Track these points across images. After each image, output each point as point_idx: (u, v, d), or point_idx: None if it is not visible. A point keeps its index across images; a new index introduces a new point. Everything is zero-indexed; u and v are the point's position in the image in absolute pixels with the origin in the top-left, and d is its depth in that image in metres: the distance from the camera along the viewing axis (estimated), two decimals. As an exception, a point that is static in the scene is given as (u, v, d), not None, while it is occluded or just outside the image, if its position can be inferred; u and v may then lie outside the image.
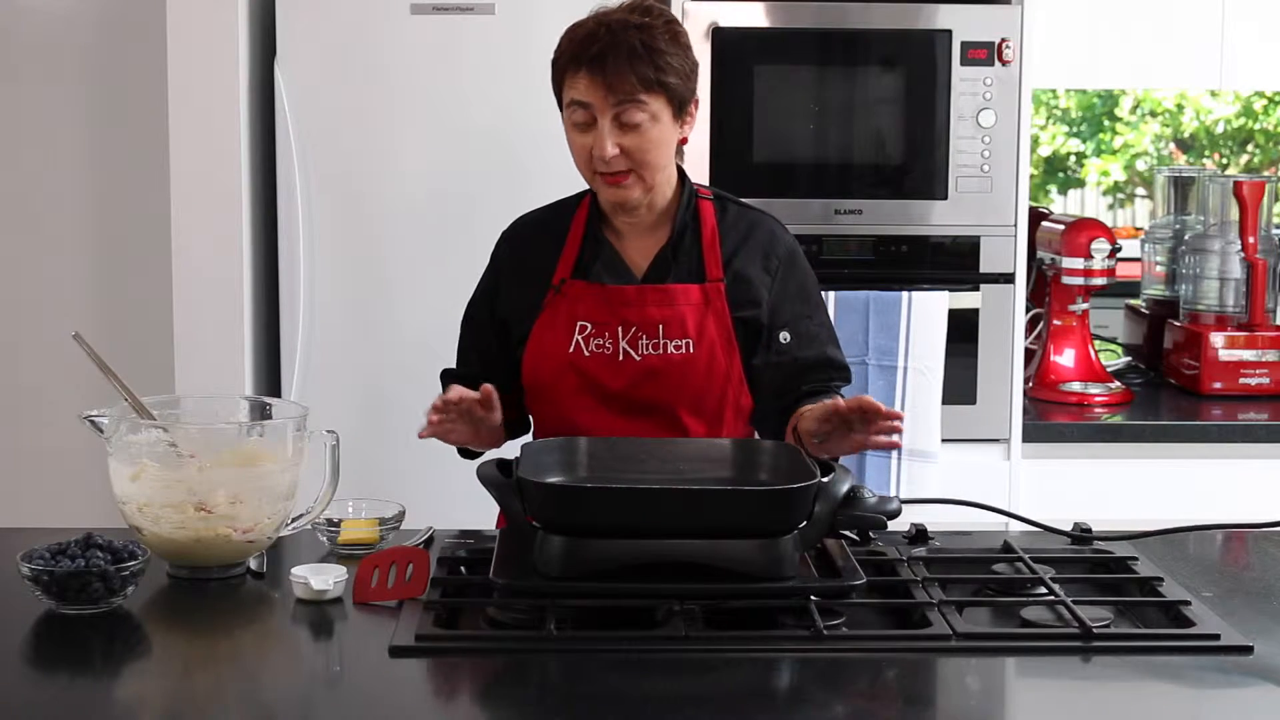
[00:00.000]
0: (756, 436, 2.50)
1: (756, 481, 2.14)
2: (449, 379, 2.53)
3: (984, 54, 3.40)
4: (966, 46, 3.40)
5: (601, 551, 1.95)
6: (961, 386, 3.44)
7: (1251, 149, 8.44)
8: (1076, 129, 8.84)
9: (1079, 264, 3.61)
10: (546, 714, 1.75)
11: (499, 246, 2.59)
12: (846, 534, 2.12)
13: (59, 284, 3.70)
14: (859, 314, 3.37)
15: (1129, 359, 4.09)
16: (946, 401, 3.39)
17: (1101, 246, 3.60)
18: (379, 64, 3.32)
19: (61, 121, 3.67)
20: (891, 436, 2.23)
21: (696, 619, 1.91)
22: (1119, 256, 3.65)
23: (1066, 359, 3.71)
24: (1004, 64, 3.40)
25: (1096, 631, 1.91)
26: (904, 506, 2.07)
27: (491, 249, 2.59)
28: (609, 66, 2.35)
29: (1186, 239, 3.87)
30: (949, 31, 3.40)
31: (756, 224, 2.53)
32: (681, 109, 2.42)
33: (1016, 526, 2.38)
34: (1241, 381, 3.67)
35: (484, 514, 2.40)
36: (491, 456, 2.16)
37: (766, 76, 3.43)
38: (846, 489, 2.02)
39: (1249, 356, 3.67)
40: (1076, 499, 3.39)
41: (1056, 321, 3.72)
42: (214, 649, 1.97)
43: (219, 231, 3.31)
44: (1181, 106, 8.56)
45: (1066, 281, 3.65)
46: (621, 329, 2.43)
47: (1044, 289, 3.76)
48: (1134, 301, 4.15)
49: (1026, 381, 3.66)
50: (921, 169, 3.45)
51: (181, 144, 3.30)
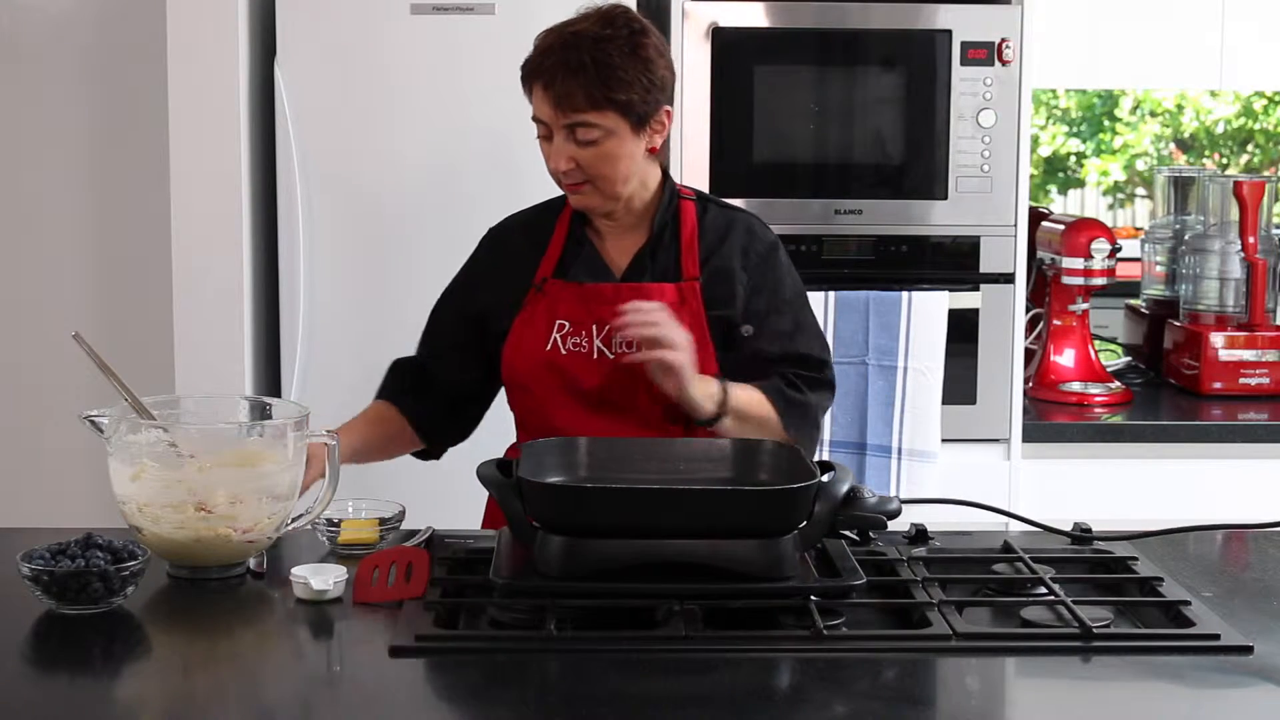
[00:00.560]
0: None
1: (756, 481, 2.14)
2: (401, 368, 2.60)
3: (984, 54, 3.40)
4: (966, 46, 3.40)
5: (601, 551, 1.95)
6: (961, 386, 3.44)
7: (1251, 149, 8.45)
8: (1076, 129, 8.84)
9: (1079, 264, 3.61)
10: (546, 714, 1.75)
11: (481, 244, 2.61)
12: (846, 534, 2.12)
13: (59, 284, 3.70)
14: (859, 314, 3.37)
15: (1129, 359, 4.09)
16: (946, 401, 3.39)
17: (1101, 246, 3.60)
18: (379, 64, 3.32)
19: (61, 121, 3.67)
20: (627, 332, 2.30)
21: (696, 619, 1.90)
22: (1119, 256, 3.65)
23: (1066, 359, 3.71)
24: (1004, 64, 3.40)
25: (1096, 631, 1.91)
26: (904, 506, 2.07)
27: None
28: (558, 84, 2.35)
29: (1186, 239, 3.86)
30: (949, 31, 3.40)
31: (735, 222, 2.52)
32: (642, 122, 2.40)
33: (1016, 526, 2.38)
34: (1241, 381, 3.67)
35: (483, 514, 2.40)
36: (492, 456, 2.17)
37: (766, 76, 3.43)
38: (846, 489, 2.02)
39: (1249, 356, 3.67)
40: (1076, 499, 3.39)
41: (1056, 321, 3.72)
42: (214, 649, 1.97)
43: (219, 231, 3.31)
44: (1181, 106, 8.57)
45: (1066, 281, 3.65)
46: (596, 327, 2.44)
47: (1044, 289, 3.76)
48: (1134, 301, 4.15)
49: (1026, 381, 3.66)
50: (921, 169, 3.45)
51: (181, 144, 3.30)
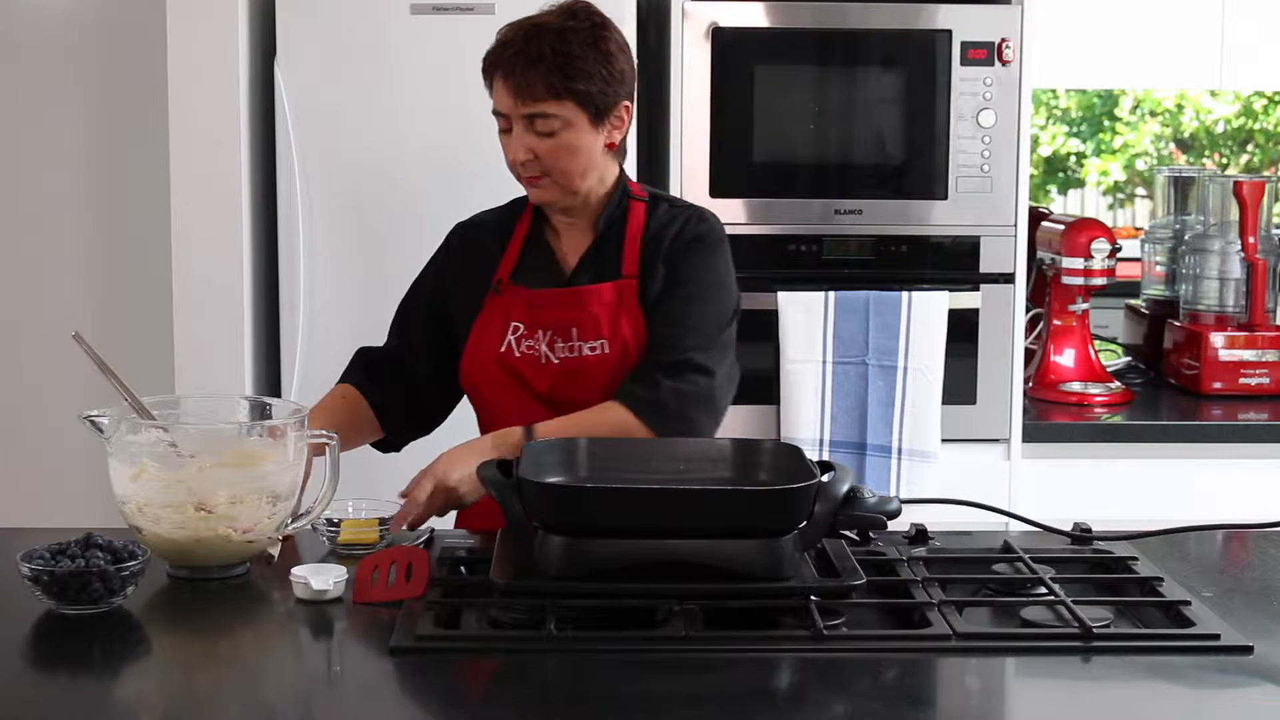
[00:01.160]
0: None
1: (756, 481, 2.14)
2: (367, 354, 2.59)
3: (984, 54, 3.40)
4: (966, 46, 3.40)
5: (601, 551, 1.95)
6: (961, 386, 3.44)
7: (1251, 149, 8.45)
8: (1076, 129, 8.84)
9: (1079, 264, 3.61)
10: (546, 714, 1.75)
11: (451, 238, 2.62)
12: (846, 534, 2.12)
13: (59, 284, 3.70)
14: (859, 314, 3.37)
15: (1129, 359, 4.09)
16: (946, 401, 3.39)
17: (1101, 246, 3.60)
18: (379, 64, 3.32)
19: (61, 121, 3.67)
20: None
21: (696, 619, 1.90)
22: (1119, 256, 3.65)
23: (1066, 359, 3.71)
24: (1004, 64, 3.40)
25: (1096, 631, 1.91)
26: (904, 506, 2.07)
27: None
28: (518, 73, 2.37)
29: (1186, 239, 3.86)
30: (949, 31, 3.40)
31: (676, 218, 2.51)
32: (601, 115, 2.41)
33: (1016, 526, 2.38)
34: (1241, 381, 3.67)
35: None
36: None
37: (766, 76, 3.43)
38: (846, 489, 2.02)
39: (1249, 356, 3.67)
40: (1076, 499, 3.39)
41: (1056, 321, 3.71)
42: (214, 649, 1.97)
43: (219, 231, 3.31)
44: (1181, 106, 8.57)
45: (1066, 281, 3.65)
46: (541, 332, 2.45)
47: (1044, 289, 3.76)
48: (1134, 301, 4.15)
49: (1026, 381, 3.66)
50: (921, 169, 3.45)
51: (181, 144, 3.30)
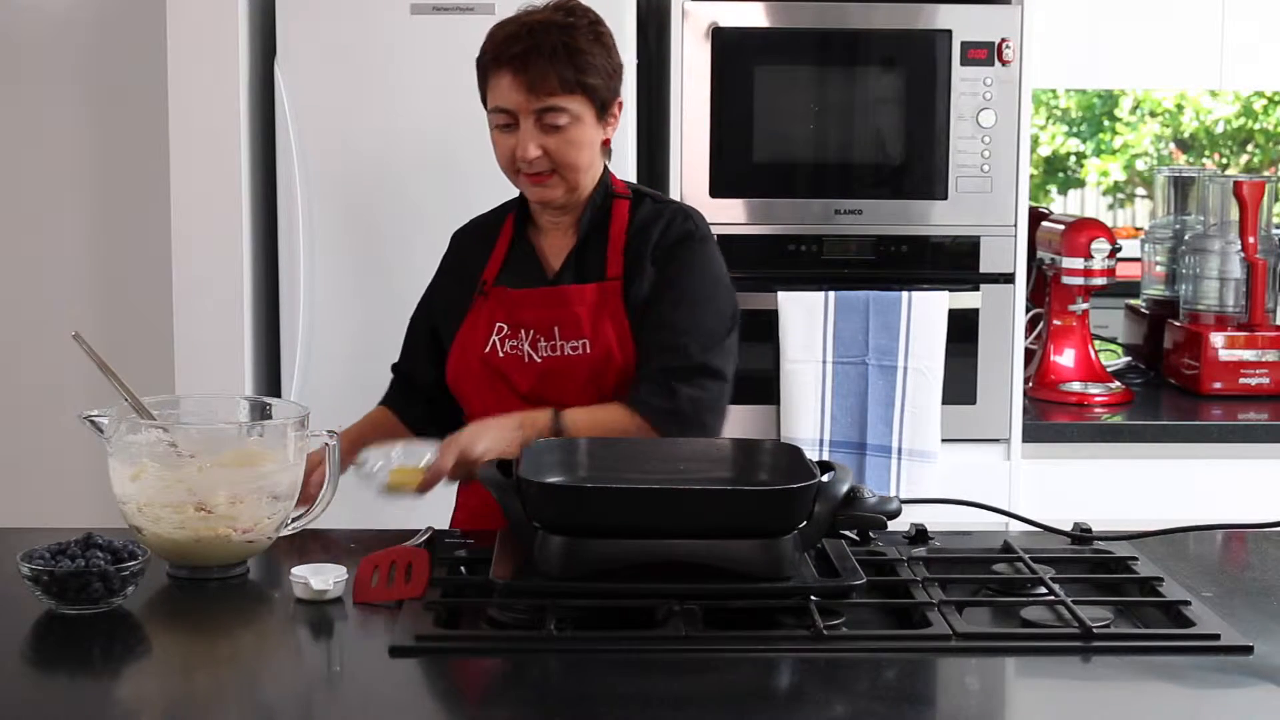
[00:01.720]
0: None
1: (756, 481, 2.14)
2: (394, 371, 2.69)
3: (984, 54, 3.40)
4: (966, 46, 3.40)
5: (601, 551, 1.95)
6: (961, 386, 3.44)
7: (1251, 149, 8.45)
8: (1076, 129, 8.84)
9: (1079, 264, 3.61)
10: (546, 714, 1.75)
11: (449, 246, 2.65)
12: (846, 534, 2.12)
13: (59, 284, 3.70)
14: (859, 314, 3.37)
15: (1129, 359, 4.09)
16: (946, 401, 3.39)
17: (1101, 246, 3.60)
18: (379, 64, 3.32)
19: (61, 121, 3.67)
20: None
21: (696, 619, 1.90)
22: (1119, 256, 3.65)
23: (1066, 359, 3.71)
24: (1004, 64, 3.40)
25: (1096, 631, 1.91)
26: (904, 506, 2.07)
27: None
28: (531, 67, 2.36)
29: (1186, 239, 3.86)
30: (949, 31, 3.40)
31: (660, 216, 2.50)
32: (604, 110, 2.43)
33: (1016, 526, 2.38)
34: (1241, 381, 3.67)
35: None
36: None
37: (766, 76, 3.43)
38: (846, 489, 2.02)
39: (1249, 356, 3.67)
40: (1076, 499, 3.39)
41: (1056, 321, 3.71)
42: (214, 649, 1.97)
43: (219, 231, 3.31)
44: (1181, 106, 8.57)
45: (1066, 281, 3.65)
46: (524, 332, 2.46)
47: (1044, 289, 3.76)
48: (1134, 301, 4.15)
49: (1026, 381, 3.66)
50: (921, 169, 3.45)
51: (181, 144, 3.30)
